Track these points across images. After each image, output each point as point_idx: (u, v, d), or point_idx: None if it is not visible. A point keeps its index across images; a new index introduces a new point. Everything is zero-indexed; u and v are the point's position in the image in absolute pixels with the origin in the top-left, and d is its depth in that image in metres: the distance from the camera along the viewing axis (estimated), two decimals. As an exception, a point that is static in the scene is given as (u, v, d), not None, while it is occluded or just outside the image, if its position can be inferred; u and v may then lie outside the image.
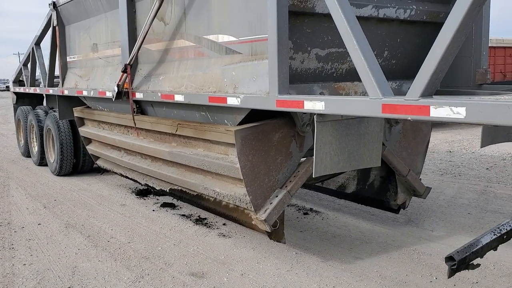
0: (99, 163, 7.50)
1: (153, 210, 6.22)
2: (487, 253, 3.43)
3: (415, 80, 2.59)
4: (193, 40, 4.56)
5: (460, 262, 3.19)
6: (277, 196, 4.07)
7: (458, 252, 3.24)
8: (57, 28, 7.64)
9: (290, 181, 4.15)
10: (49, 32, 8.26)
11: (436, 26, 3.80)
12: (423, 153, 5.23)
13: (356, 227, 5.43)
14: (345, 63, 4.04)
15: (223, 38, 4.15)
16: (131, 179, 6.48)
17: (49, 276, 4.21)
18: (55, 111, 8.54)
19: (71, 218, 5.92)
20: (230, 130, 3.98)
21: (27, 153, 10.38)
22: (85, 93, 6.68)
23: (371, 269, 4.27)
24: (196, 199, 4.96)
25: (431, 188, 5.42)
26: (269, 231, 4.11)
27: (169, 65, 4.98)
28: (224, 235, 5.18)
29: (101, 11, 6.33)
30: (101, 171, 8.22)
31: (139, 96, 5.30)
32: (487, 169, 8.36)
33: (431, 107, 2.49)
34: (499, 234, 3.49)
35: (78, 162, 8.53)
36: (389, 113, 2.72)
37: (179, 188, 5.18)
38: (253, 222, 4.16)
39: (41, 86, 9.07)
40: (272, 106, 3.50)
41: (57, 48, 7.75)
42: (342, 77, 4.07)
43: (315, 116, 3.45)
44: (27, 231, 5.47)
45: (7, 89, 49.89)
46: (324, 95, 3.84)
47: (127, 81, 5.42)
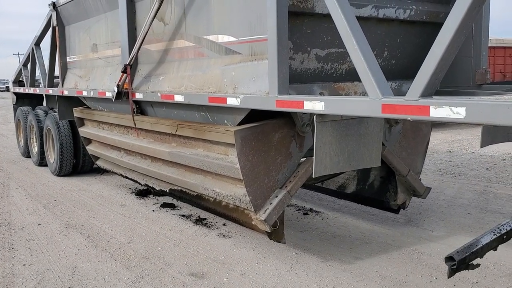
0: (99, 163, 7.50)
1: (153, 211, 6.22)
2: (487, 253, 3.43)
3: (415, 80, 2.59)
4: (193, 40, 4.56)
5: (460, 262, 3.19)
6: (277, 196, 4.07)
7: (458, 252, 3.23)
8: (57, 28, 7.65)
9: (290, 181, 4.15)
10: (49, 33, 8.26)
11: (436, 26, 3.80)
12: (423, 153, 5.23)
13: (356, 227, 5.43)
14: (345, 63, 4.04)
15: (223, 38, 4.15)
16: (131, 179, 6.48)
17: (49, 277, 4.21)
18: (55, 112, 8.54)
19: (71, 219, 5.92)
20: (230, 130, 3.98)
21: (27, 154, 10.38)
22: (85, 93, 6.68)
23: (371, 269, 4.27)
24: (196, 200, 4.96)
25: (431, 188, 5.42)
26: (269, 231, 4.11)
27: (169, 66, 4.98)
28: (224, 235, 5.18)
29: (101, 11, 6.33)
30: (101, 171, 8.23)
31: (139, 96, 5.30)
32: (487, 169, 8.36)
33: (431, 107, 2.49)
34: (499, 234, 3.50)
35: (78, 162, 8.52)
36: (389, 113, 2.72)
37: (179, 188, 5.18)
38: (253, 222, 4.16)
39: (41, 86, 9.07)
40: (272, 106, 3.50)
41: (57, 49, 7.75)
42: (342, 77, 4.08)
43: (315, 116, 3.46)
44: (27, 231, 5.47)
45: (7, 89, 49.87)
46: (324, 95, 3.84)
47: (127, 81, 5.42)
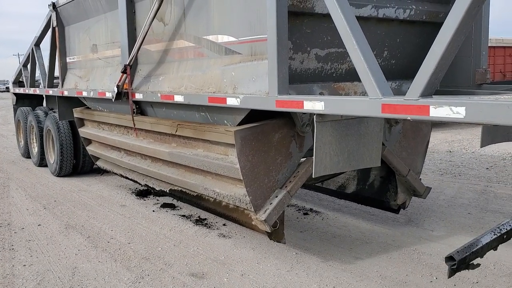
0: (99, 163, 7.50)
1: (153, 211, 6.22)
2: (487, 253, 3.43)
3: (415, 80, 2.59)
4: (192, 40, 4.56)
5: (460, 262, 3.19)
6: (277, 197, 4.07)
7: (458, 252, 3.23)
8: (56, 29, 7.65)
9: (290, 182, 4.14)
10: (49, 33, 8.26)
11: (436, 26, 3.80)
12: (423, 153, 5.23)
13: (356, 227, 5.43)
14: (344, 63, 4.04)
15: (222, 38, 4.15)
16: (131, 179, 6.48)
17: (49, 277, 4.21)
18: (55, 112, 8.54)
19: (71, 219, 5.92)
20: (230, 130, 3.98)
21: (27, 154, 10.38)
22: (84, 93, 6.68)
23: (371, 269, 4.27)
24: (196, 200, 4.96)
25: (431, 188, 5.41)
26: (269, 231, 4.11)
27: (169, 66, 4.98)
28: (224, 236, 5.18)
29: (101, 11, 6.33)
30: (101, 171, 8.23)
31: (138, 96, 5.30)
32: (487, 169, 8.36)
33: (430, 107, 2.49)
34: (499, 234, 3.49)
35: (78, 162, 8.52)
36: (388, 113, 2.72)
37: (179, 188, 5.18)
38: (253, 223, 4.16)
39: (40, 87, 9.07)
40: (271, 107, 3.50)
41: (57, 49, 7.75)
42: (341, 77, 4.07)
43: (314, 116, 3.45)
44: (27, 232, 5.47)
45: (7, 90, 49.89)
46: (323, 95, 3.83)
47: (126, 81, 5.42)
